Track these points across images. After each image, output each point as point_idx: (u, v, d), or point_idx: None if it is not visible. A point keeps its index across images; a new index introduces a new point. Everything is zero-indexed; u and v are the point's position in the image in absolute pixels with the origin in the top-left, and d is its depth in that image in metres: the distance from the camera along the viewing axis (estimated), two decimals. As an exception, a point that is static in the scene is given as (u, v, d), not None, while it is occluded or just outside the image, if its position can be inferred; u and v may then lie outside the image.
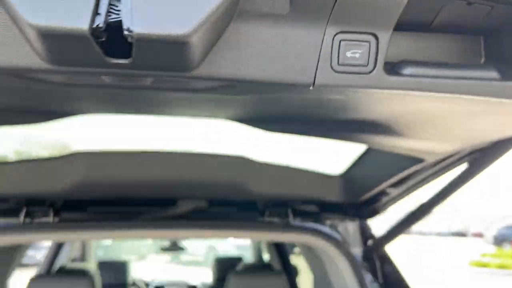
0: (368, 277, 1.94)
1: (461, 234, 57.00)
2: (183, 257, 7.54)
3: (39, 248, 8.32)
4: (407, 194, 1.77)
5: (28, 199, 1.92)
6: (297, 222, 2.02)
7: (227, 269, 2.74)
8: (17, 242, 2.06)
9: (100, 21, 0.60)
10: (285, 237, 2.12)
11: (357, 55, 0.74)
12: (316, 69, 0.75)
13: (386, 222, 2.14)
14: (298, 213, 2.05)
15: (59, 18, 0.59)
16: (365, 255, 2.00)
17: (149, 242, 7.03)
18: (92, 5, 0.59)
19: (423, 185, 1.65)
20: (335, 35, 0.73)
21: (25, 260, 3.07)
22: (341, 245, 1.96)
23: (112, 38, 0.63)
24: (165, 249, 5.83)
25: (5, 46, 0.67)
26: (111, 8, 0.60)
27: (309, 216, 2.06)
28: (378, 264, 1.95)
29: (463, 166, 1.45)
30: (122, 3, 0.60)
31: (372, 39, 0.74)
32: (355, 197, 1.98)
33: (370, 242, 2.01)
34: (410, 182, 1.67)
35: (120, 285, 3.99)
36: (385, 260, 1.98)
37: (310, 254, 2.39)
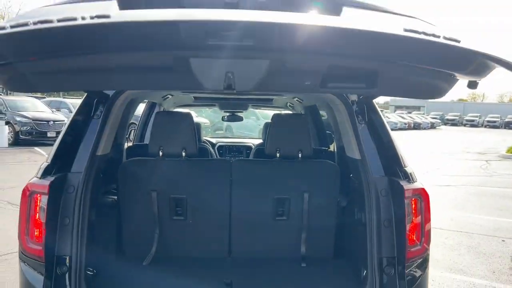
0: (359, 118, 3.08)
1: (516, 126, 55.21)
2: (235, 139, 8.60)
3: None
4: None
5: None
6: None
7: None
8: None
9: (224, 84, 1.80)
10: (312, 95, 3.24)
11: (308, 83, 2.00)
12: None
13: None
14: None
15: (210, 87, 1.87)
16: (358, 105, 3.11)
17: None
18: (222, 79, 1.78)
19: None
20: None
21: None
22: (344, 99, 3.09)
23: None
24: (226, 120, 6.94)
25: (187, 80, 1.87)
26: (228, 78, 1.78)
27: None
28: (365, 108, 3.06)
29: None
30: (232, 76, 1.77)
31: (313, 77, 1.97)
32: None
33: (362, 97, 3.11)
34: None
35: None
36: (371, 108, 3.09)
37: (328, 108, 3.58)
